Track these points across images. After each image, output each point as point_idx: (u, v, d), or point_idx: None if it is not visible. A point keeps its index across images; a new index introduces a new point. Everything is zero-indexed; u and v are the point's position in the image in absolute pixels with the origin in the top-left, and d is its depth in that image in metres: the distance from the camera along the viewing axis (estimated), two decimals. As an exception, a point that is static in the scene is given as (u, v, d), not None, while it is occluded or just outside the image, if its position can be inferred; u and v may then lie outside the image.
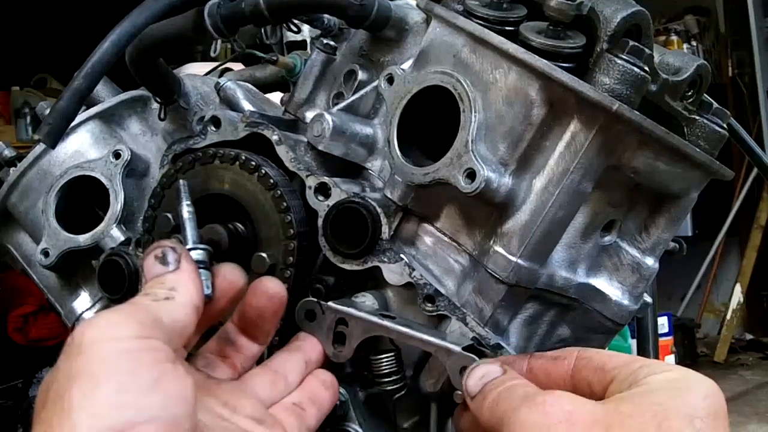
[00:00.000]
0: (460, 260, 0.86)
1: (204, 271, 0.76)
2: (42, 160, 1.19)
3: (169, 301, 0.69)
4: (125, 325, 0.65)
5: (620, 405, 0.68)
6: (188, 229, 0.81)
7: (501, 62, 0.80)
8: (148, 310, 0.68)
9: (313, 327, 0.87)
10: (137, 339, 0.64)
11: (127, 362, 0.63)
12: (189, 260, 0.74)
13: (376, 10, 0.95)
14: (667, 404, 0.66)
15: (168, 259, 0.72)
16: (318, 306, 0.86)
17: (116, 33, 0.93)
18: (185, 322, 0.70)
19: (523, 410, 0.70)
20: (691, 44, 6.06)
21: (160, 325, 0.67)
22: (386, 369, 0.86)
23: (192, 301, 0.71)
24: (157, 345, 0.65)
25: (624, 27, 0.81)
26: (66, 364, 0.63)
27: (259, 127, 0.94)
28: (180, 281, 0.71)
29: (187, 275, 0.72)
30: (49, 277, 1.21)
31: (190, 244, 0.79)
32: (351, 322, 0.85)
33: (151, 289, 0.71)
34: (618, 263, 0.91)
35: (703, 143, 0.91)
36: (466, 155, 0.79)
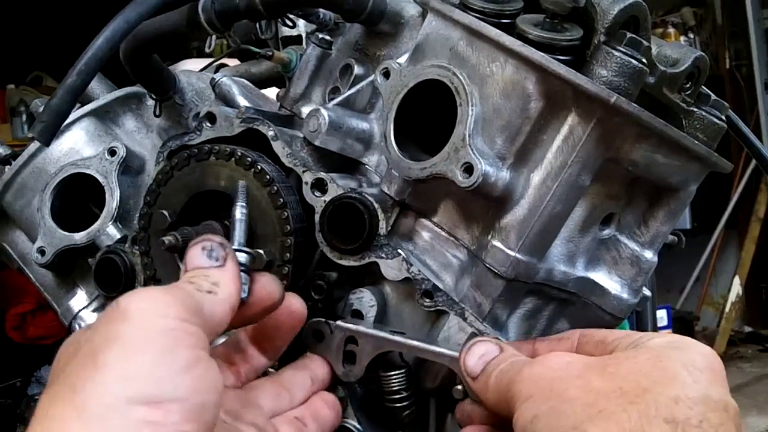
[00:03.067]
0: (458, 255, 0.85)
1: (244, 274, 0.76)
2: (37, 158, 1.18)
3: (211, 295, 0.70)
4: (172, 306, 0.65)
5: (617, 354, 0.72)
6: (237, 230, 0.81)
7: (497, 55, 0.80)
8: (193, 298, 0.68)
9: (321, 348, 0.86)
10: (180, 321, 0.65)
11: (168, 339, 0.63)
12: (234, 260, 0.74)
13: (371, 3, 0.94)
14: (664, 354, 0.69)
15: (215, 254, 0.73)
16: (326, 326, 0.85)
17: (110, 29, 0.93)
18: (221, 319, 0.71)
19: (526, 369, 0.72)
20: (689, 36, 6.05)
21: (200, 314, 0.68)
22: (397, 386, 0.85)
23: (231, 300, 0.72)
24: (197, 332, 0.66)
25: (621, 19, 0.80)
26: (107, 326, 0.63)
27: (254, 122, 0.93)
28: (223, 279, 0.72)
29: (230, 275, 0.73)
30: (45, 276, 1.21)
31: (236, 245, 0.79)
32: (361, 340, 0.84)
33: (195, 279, 0.71)
34: (617, 257, 0.90)
35: (702, 135, 0.90)
36: (463, 149, 0.79)
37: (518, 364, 0.74)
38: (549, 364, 0.72)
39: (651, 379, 0.66)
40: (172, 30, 1.02)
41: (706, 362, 0.69)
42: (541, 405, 0.68)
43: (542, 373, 0.71)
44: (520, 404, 0.70)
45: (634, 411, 0.64)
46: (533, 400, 0.69)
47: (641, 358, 0.69)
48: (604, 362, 0.70)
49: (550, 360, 0.72)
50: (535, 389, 0.70)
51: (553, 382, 0.69)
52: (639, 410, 0.64)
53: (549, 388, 0.69)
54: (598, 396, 0.66)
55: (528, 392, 0.70)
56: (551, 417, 0.67)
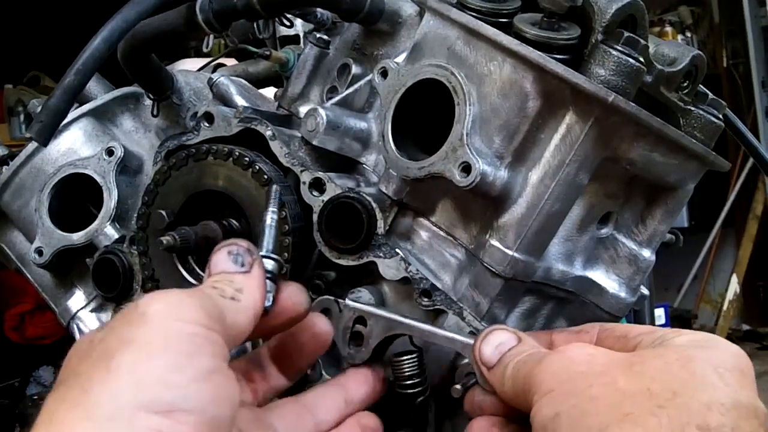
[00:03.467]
0: (457, 254, 0.85)
1: (270, 282, 0.73)
2: (35, 158, 1.18)
3: (234, 302, 0.67)
4: (194, 310, 0.63)
5: (644, 352, 0.68)
6: (267, 236, 0.78)
7: (495, 54, 0.80)
8: (216, 303, 0.66)
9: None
10: (201, 326, 0.62)
11: (187, 345, 0.60)
12: (261, 267, 0.72)
13: (369, 3, 0.94)
14: (693, 353, 0.65)
15: (241, 260, 0.70)
16: (335, 304, 0.83)
17: (107, 29, 0.93)
18: (243, 327, 0.68)
19: (546, 360, 0.69)
20: (686, 35, 6.06)
21: (222, 321, 0.65)
22: (408, 371, 0.82)
23: (255, 308, 0.69)
24: (218, 339, 0.63)
25: (619, 18, 0.80)
26: (123, 328, 0.61)
27: (252, 122, 0.93)
28: (248, 285, 0.69)
29: (256, 282, 0.70)
30: (43, 276, 1.21)
31: (264, 252, 0.76)
32: (370, 320, 0.82)
33: (219, 284, 0.68)
34: (615, 255, 0.90)
35: (699, 134, 0.90)
36: (461, 149, 0.79)
37: (537, 355, 0.71)
38: (570, 356, 0.68)
39: (680, 381, 0.63)
40: (170, 30, 1.01)
41: (735, 363, 0.65)
42: (562, 402, 0.65)
43: (563, 365, 0.67)
44: (539, 398, 0.67)
45: (664, 416, 0.60)
46: (554, 395, 0.66)
47: (669, 357, 0.65)
48: (630, 359, 0.66)
49: (571, 351, 0.69)
50: (556, 383, 0.66)
51: (574, 377, 0.66)
52: (669, 415, 0.60)
53: (571, 383, 0.66)
54: (624, 397, 0.62)
55: (548, 386, 0.67)
56: (574, 416, 0.63)
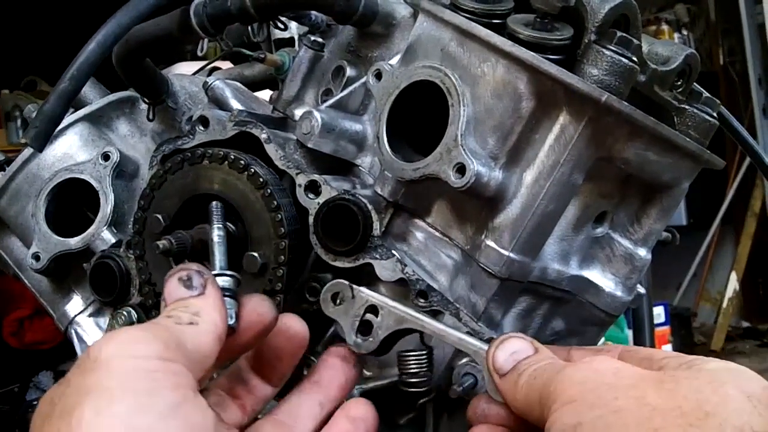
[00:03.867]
0: (453, 255, 0.86)
1: (229, 299, 0.72)
2: (31, 163, 1.18)
3: (192, 327, 0.65)
4: (147, 344, 0.61)
5: (674, 372, 0.65)
6: (217, 253, 0.77)
7: (488, 55, 0.80)
8: (172, 332, 0.64)
9: (337, 311, 0.82)
10: (159, 360, 0.60)
11: (147, 382, 0.59)
12: (215, 286, 0.70)
13: (362, 5, 0.94)
14: (725, 379, 0.63)
15: (193, 283, 0.68)
16: (349, 289, 0.81)
17: (102, 34, 0.93)
18: (208, 351, 0.66)
19: (569, 369, 0.66)
20: (682, 33, 6.06)
21: (183, 349, 0.63)
22: (414, 368, 0.81)
23: (216, 328, 0.67)
24: (180, 369, 0.61)
25: (612, 17, 0.80)
26: (79, 379, 0.59)
27: (247, 125, 0.93)
28: (204, 307, 0.67)
29: (212, 301, 0.68)
30: (40, 281, 1.21)
31: (217, 270, 0.75)
32: (383, 311, 0.80)
33: (173, 312, 0.66)
34: (610, 255, 0.90)
35: (694, 133, 0.90)
36: (455, 150, 0.79)
37: (556, 365, 0.68)
38: (596, 367, 0.65)
39: (713, 403, 0.60)
40: (164, 34, 1.02)
41: (765, 394, 0.63)
42: (586, 412, 0.62)
43: (588, 376, 0.64)
44: (558, 407, 0.64)
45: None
46: (576, 405, 0.63)
47: (701, 380, 0.62)
48: (660, 377, 0.64)
49: (597, 363, 0.65)
50: (578, 393, 0.63)
51: (600, 388, 0.63)
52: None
53: (596, 394, 0.63)
54: (654, 412, 0.60)
55: (570, 395, 0.64)
56: (599, 427, 0.60)
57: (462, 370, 0.82)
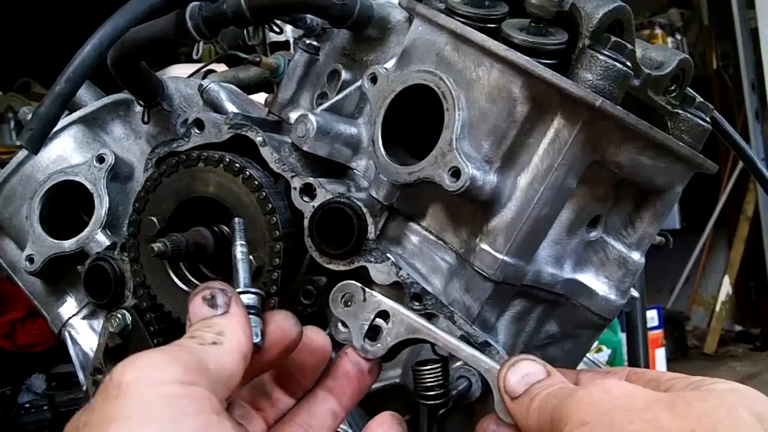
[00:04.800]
0: (447, 258, 0.86)
1: (254, 317, 0.71)
2: (25, 165, 1.18)
3: (216, 347, 0.64)
4: (169, 368, 0.60)
5: (685, 393, 0.65)
6: (240, 270, 0.75)
7: (483, 60, 0.80)
8: (194, 354, 0.63)
9: (346, 313, 0.81)
10: (181, 384, 0.60)
11: (169, 409, 0.58)
12: (239, 304, 0.69)
13: (358, 9, 0.95)
14: (736, 401, 0.62)
15: (217, 302, 0.68)
16: (361, 291, 0.80)
17: (97, 36, 0.93)
18: (232, 370, 0.65)
19: (582, 391, 0.65)
20: (676, 37, 6.08)
21: (205, 371, 0.62)
22: (431, 381, 0.80)
23: (241, 348, 0.66)
24: (202, 393, 0.61)
25: (606, 22, 0.81)
26: (102, 406, 0.58)
27: (242, 128, 0.93)
28: (229, 326, 0.66)
29: (237, 320, 0.67)
30: (34, 284, 1.20)
31: (242, 287, 0.73)
32: (394, 318, 0.78)
33: (197, 332, 0.65)
34: (604, 258, 0.91)
35: (687, 137, 0.91)
36: (450, 153, 0.79)
37: (568, 388, 0.68)
38: (608, 389, 0.64)
39: (726, 426, 0.60)
40: (160, 37, 1.02)
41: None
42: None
43: (601, 398, 0.64)
44: (570, 429, 0.63)
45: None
46: (589, 427, 0.62)
47: (712, 402, 0.62)
48: (672, 399, 0.63)
49: (610, 386, 0.65)
50: (592, 415, 0.63)
51: (613, 411, 0.62)
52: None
53: (609, 416, 0.62)
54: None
55: (582, 418, 0.63)
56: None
57: (456, 374, 0.82)
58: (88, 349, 1.15)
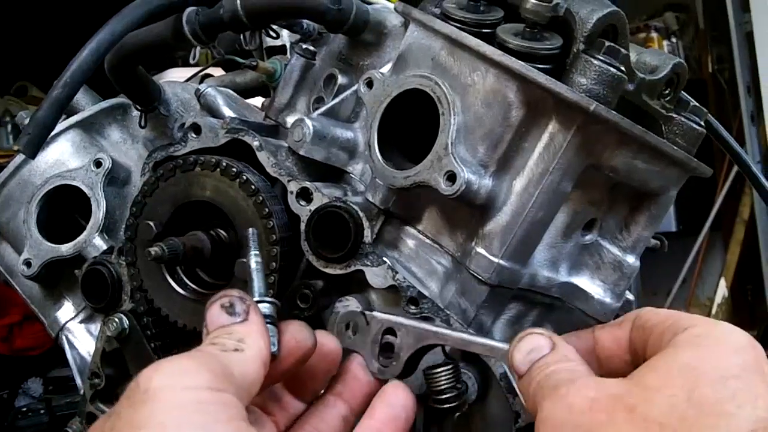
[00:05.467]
0: (443, 262, 0.86)
1: (271, 326, 0.71)
2: (22, 170, 1.19)
3: (238, 354, 0.64)
4: (198, 374, 0.59)
5: (646, 378, 0.62)
6: (256, 279, 0.75)
7: (478, 65, 0.81)
8: (219, 360, 0.62)
9: (355, 342, 0.81)
10: (210, 391, 0.59)
11: (200, 416, 0.57)
12: (258, 312, 0.69)
13: (354, 14, 0.95)
14: (696, 367, 0.60)
15: (236, 309, 0.67)
16: (362, 317, 0.80)
17: (95, 41, 0.93)
18: (254, 377, 0.64)
19: (547, 404, 0.64)
20: (671, 41, 6.09)
21: (231, 378, 0.61)
22: (445, 384, 0.79)
23: (261, 355, 0.66)
24: (231, 400, 0.60)
25: (600, 27, 0.81)
26: (129, 411, 0.57)
27: (239, 133, 0.94)
28: (249, 334, 0.66)
29: (256, 328, 0.67)
30: (32, 288, 1.21)
31: (257, 296, 0.74)
32: (400, 331, 0.78)
33: (218, 339, 0.65)
34: (599, 261, 0.91)
35: (681, 141, 0.91)
36: (446, 158, 0.80)
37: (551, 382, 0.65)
38: (570, 403, 0.62)
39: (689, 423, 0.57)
40: (157, 42, 1.02)
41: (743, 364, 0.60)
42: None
43: (563, 418, 0.62)
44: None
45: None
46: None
47: (674, 387, 0.59)
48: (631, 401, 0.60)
49: (573, 397, 0.63)
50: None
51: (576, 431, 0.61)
52: None
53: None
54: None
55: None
56: None
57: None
58: (86, 353, 1.15)
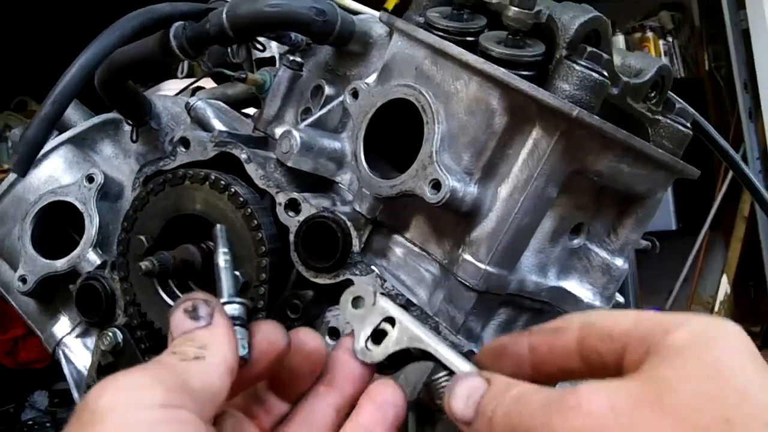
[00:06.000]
0: (431, 269, 0.87)
1: (240, 328, 0.67)
2: (16, 187, 1.19)
3: (199, 362, 0.60)
4: (150, 390, 0.56)
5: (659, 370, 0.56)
6: (224, 279, 0.71)
7: (461, 73, 0.81)
8: (176, 372, 0.59)
9: (354, 315, 0.76)
10: (163, 408, 0.56)
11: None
12: (223, 315, 0.65)
13: (339, 25, 0.96)
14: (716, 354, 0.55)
15: (199, 313, 0.63)
16: (372, 296, 0.75)
17: (83, 57, 0.94)
18: (218, 386, 0.61)
19: (557, 420, 0.56)
20: (667, 40, 6.09)
21: (189, 390, 0.58)
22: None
23: (226, 361, 0.62)
24: (186, 417, 0.57)
25: (582, 33, 0.82)
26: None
27: (227, 146, 0.94)
28: (212, 339, 0.62)
29: (221, 332, 0.63)
30: (28, 303, 1.21)
31: (225, 297, 0.70)
32: (400, 325, 0.74)
33: (179, 347, 0.61)
34: (588, 265, 0.92)
35: (668, 143, 0.92)
36: (430, 166, 0.80)
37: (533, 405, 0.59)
38: (589, 412, 0.55)
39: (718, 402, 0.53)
40: (146, 56, 1.03)
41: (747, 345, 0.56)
42: None
43: (583, 426, 0.55)
44: None
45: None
46: None
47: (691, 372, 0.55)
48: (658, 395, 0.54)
49: (587, 405, 0.56)
50: None
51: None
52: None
53: None
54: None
55: None
56: None
57: (442, 383, 0.83)
58: (82, 367, 1.16)
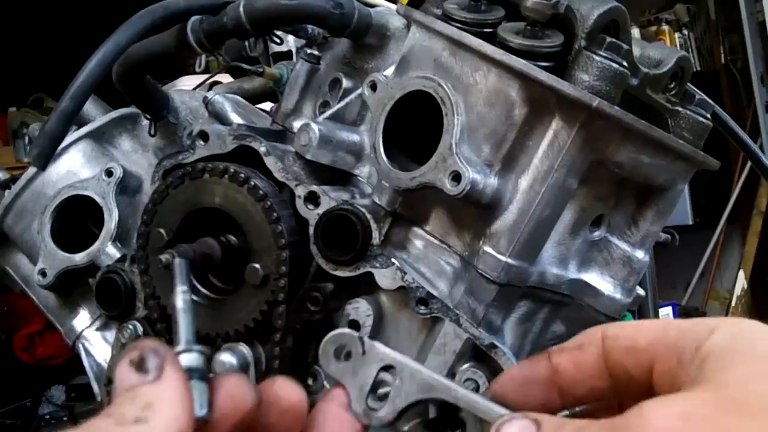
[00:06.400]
0: (451, 262, 0.86)
1: (198, 382, 0.56)
2: (35, 181, 1.20)
3: (140, 425, 0.50)
4: None
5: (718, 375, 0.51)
6: (182, 324, 0.59)
7: (480, 64, 0.81)
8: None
9: (341, 370, 0.63)
10: None
11: None
12: (175, 367, 0.54)
13: (356, 18, 0.95)
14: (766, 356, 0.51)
15: (147, 365, 0.53)
16: (359, 344, 0.63)
17: (101, 52, 0.94)
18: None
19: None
20: (683, 33, 6.05)
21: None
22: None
23: (177, 423, 0.52)
24: None
25: (601, 23, 0.81)
26: None
27: (246, 139, 0.94)
28: (160, 396, 0.52)
29: (171, 387, 0.53)
30: (47, 297, 1.22)
31: (183, 345, 0.58)
32: (402, 373, 0.62)
33: (117, 408, 0.52)
34: (608, 257, 0.91)
35: (688, 134, 0.91)
36: (450, 158, 0.80)
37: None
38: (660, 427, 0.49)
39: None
40: (163, 51, 1.03)
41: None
42: None
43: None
44: None
45: None
46: None
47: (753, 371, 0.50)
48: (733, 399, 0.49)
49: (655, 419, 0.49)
50: None
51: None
52: None
53: None
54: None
55: None
56: None
57: (463, 376, 0.83)
58: (102, 360, 1.16)
